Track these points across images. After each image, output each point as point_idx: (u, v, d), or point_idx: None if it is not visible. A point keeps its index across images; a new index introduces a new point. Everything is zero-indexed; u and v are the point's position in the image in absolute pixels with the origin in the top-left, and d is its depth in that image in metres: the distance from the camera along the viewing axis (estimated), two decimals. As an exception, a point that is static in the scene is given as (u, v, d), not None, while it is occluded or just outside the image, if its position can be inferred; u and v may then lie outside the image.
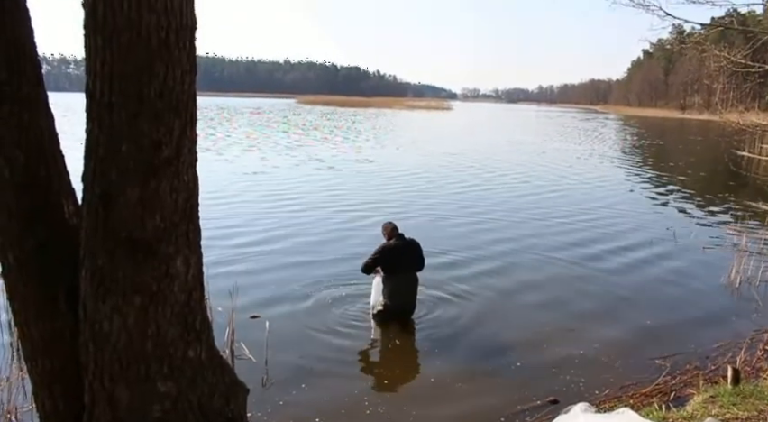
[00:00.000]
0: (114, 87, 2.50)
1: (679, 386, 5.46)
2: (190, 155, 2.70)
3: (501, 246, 10.59)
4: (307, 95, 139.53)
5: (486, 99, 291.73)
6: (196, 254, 2.75)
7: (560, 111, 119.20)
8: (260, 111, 68.39)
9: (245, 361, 5.75)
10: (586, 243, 11.05)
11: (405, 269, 6.84)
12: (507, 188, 17.67)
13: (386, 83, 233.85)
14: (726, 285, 8.74)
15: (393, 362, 6.16)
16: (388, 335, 6.64)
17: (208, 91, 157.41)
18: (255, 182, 17.11)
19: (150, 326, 2.60)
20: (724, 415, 4.02)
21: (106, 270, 2.55)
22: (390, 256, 6.79)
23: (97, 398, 2.66)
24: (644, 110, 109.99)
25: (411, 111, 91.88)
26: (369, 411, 4.96)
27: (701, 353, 6.24)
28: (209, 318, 2.94)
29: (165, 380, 2.67)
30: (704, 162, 27.78)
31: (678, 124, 69.05)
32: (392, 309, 6.79)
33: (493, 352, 6.20)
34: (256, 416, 4.69)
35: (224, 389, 2.96)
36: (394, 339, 6.56)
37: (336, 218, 12.17)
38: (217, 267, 8.63)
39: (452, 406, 5.08)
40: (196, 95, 2.76)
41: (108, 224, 2.53)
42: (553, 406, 5.03)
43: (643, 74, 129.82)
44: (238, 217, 12.08)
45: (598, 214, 14.11)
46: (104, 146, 2.54)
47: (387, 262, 6.79)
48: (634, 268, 9.53)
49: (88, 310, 2.61)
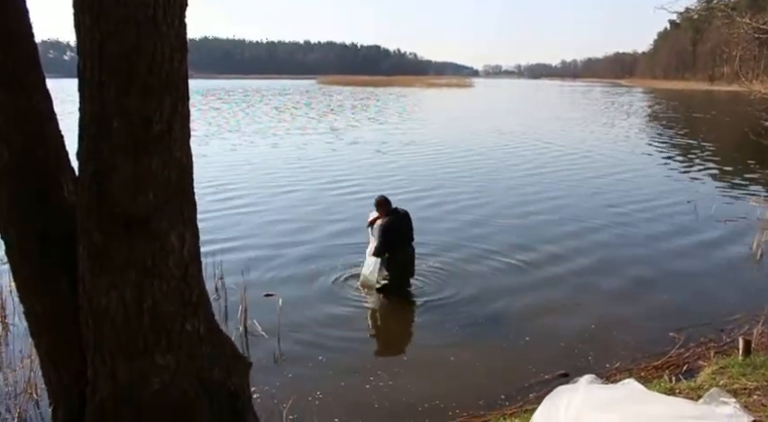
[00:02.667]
0: (104, 66, 2.53)
1: (692, 359, 5.39)
2: (183, 132, 2.73)
3: (510, 219, 10.58)
4: (328, 75, 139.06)
5: (508, 75, 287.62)
6: (191, 229, 2.79)
7: (585, 86, 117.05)
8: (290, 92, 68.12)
9: (258, 337, 5.84)
10: (601, 216, 10.96)
11: (404, 243, 6.90)
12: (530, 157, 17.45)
13: (407, 61, 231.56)
14: (746, 258, 8.59)
15: (401, 337, 6.20)
16: (396, 310, 6.68)
17: (230, 73, 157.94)
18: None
19: (146, 301, 2.65)
20: (732, 385, 3.97)
21: (102, 246, 2.60)
22: (393, 232, 6.82)
23: (99, 371, 2.74)
24: (671, 82, 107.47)
25: (435, 89, 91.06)
26: (375, 386, 5.00)
27: (717, 326, 6.14)
28: (207, 292, 2.98)
29: (163, 354, 2.73)
30: (730, 134, 27.12)
31: (706, 97, 67.46)
32: (396, 284, 6.86)
33: (502, 326, 6.19)
34: (266, 390, 4.77)
35: (225, 363, 3.02)
36: (402, 314, 6.60)
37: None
38: (233, 242, 8.79)
39: (460, 380, 5.09)
40: (188, 73, 2.78)
41: (102, 201, 2.58)
42: (563, 379, 5.02)
43: (670, 45, 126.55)
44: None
45: (615, 186, 13.97)
46: (96, 124, 2.58)
47: (389, 239, 6.82)
48: (651, 240, 9.40)
49: (86, 286, 2.67)
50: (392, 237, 6.81)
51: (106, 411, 2.77)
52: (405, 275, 6.96)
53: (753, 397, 3.87)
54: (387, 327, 6.47)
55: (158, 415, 2.81)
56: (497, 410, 4.56)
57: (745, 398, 3.82)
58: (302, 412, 4.53)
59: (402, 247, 6.89)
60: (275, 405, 4.57)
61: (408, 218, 7.00)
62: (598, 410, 3.12)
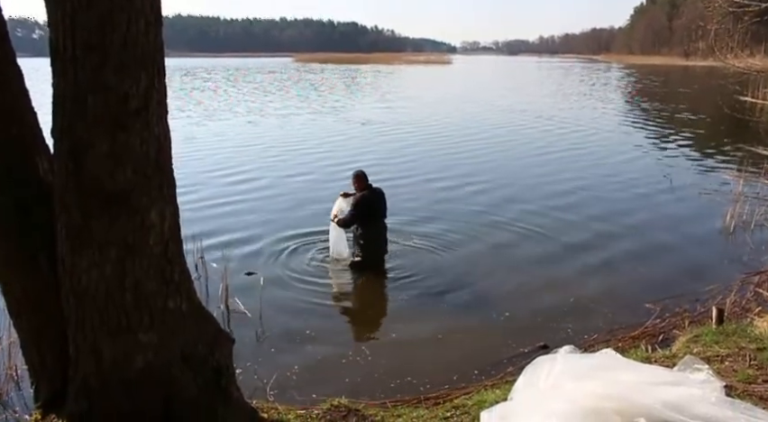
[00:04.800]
0: (77, 40, 2.47)
1: (667, 328, 5.53)
2: (160, 107, 2.69)
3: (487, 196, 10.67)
4: (304, 52, 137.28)
5: (486, 52, 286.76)
6: (171, 206, 2.76)
7: (564, 62, 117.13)
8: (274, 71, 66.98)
9: (240, 315, 5.84)
10: (577, 190, 11.11)
11: (376, 219, 6.95)
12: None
13: (384, 38, 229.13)
14: (720, 230, 8.77)
15: (381, 313, 6.23)
16: (376, 287, 6.73)
17: (205, 52, 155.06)
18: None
19: (127, 278, 2.63)
20: (705, 353, 4.08)
21: (81, 223, 2.57)
22: (367, 205, 6.86)
23: (81, 349, 2.72)
24: (647, 58, 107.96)
25: (417, 66, 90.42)
26: (354, 361, 5.05)
27: (692, 297, 6.29)
28: (188, 269, 2.97)
29: (146, 331, 2.72)
30: (705, 108, 27.39)
31: (682, 71, 67.96)
32: (370, 259, 6.93)
33: (481, 302, 6.26)
34: (250, 367, 4.80)
35: (208, 340, 3.02)
36: (382, 291, 6.65)
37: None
38: (213, 221, 8.75)
39: (440, 355, 5.16)
40: (164, 47, 2.73)
41: (79, 179, 2.54)
42: (543, 351, 5.11)
43: (646, 20, 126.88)
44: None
45: (591, 160, 14.13)
46: (70, 100, 2.53)
47: (363, 214, 6.86)
48: (627, 214, 9.55)
49: (66, 264, 2.64)
50: (365, 212, 6.84)
51: (90, 389, 2.76)
52: (377, 251, 7.02)
53: (725, 363, 3.99)
54: (367, 304, 6.50)
55: (142, 391, 2.80)
56: (478, 383, 4.63)
57: (717, 364, 3.94)
58: (282, 388, 4.57)
59: (374, 223, 6.94)
60: (257, 380, 4.61)
61: (383, 196, 7.05)
62: (577, 378, 3.20)
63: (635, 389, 3.11)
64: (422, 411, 3.81)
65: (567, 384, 3.16)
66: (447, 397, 4.23)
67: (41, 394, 3.02)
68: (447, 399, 4.15)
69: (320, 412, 3.75)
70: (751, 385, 3.63)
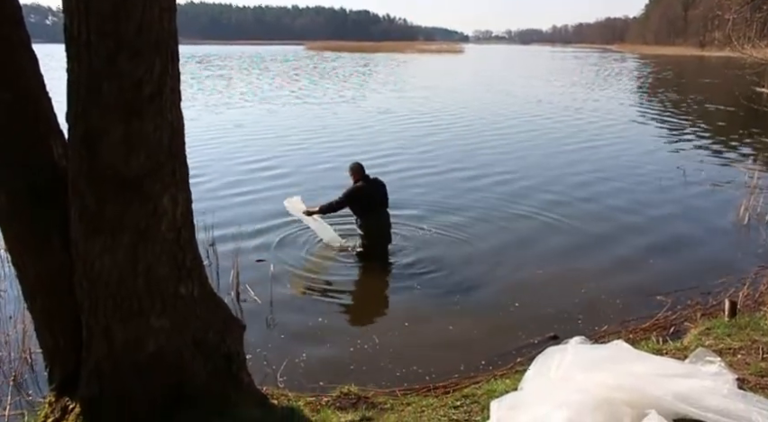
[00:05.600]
0: (92, 26, 2.48)
1: (679, 321, 5.49)
2: (173, 94, 2.69)
3: (503, 186, 10.58)
4: (316, 40, 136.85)
5: (498, 41, 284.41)
6: (184, 192, 2.77)
7: (579, 52, 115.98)
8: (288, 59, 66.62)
9: (251, 302, 5.88)
10: (591, 182, 11.02)
11: (375, 208, 6.97)
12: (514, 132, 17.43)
13: (396, 27, 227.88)
14: (733, 222, 8.68)
15: (391, 302, 6.23)
16: (384, 276, 6.72)
17: (217, 39, 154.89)
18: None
19: (140, 264, 2.65)
20: (717, 345, 4.05)
21: (94, 209, 2.58)
22: (362, 197, 6.90)
23: (94, 333, 2.75)
24: (662, 48, 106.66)
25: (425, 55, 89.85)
26: (363, 349, 5.07)
27: (704, 289, 6.24)
28: (201, 256, 2.98)
29: (158, 316, 2.74)
30: (720, 99, 27.08)
31: (698, 62, 67.18)
32: (373, 249, 6.97)
33: (492, 292, 6.25)
34: (260, 353, 4.82)
35: (219, 326, 3.04)
36: (390, 280, 6.64)
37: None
38: (225, 208, 8.78)
39: (450, 344, 5.16)
40: (177, 33, 2.73)
41: (93, 164, 2.55)
42: (553, 342, 5.09)
43: (661, 10, 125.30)
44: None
45: (608, 152, 14.01)
46: (85, 85, 2.53)
47: (360, 203, 6.92)
48: (640, 206, 9.47)
49: (80, 249, 2.66)
50: (358, 202, 6.91)
51: (102, 373, 2.79)
52: (380, 240, 7.04)
53: (737, 356, 3.96)
54: (376, 293, 6.50)
55: (153, 376, 2.83)
56: (487, 372, 4.63)
57: (729, 357, 3.91)
58: (291, 375, 4.59)
59: (375, 212, 6.97)
60: (267, 367, 4.63)
61: (382, 185, 7.07)
62: (588, 369, 3.19)
63: (647, 381, 3.09)
64: (431, 400, 3.82)
65: (578, 375, 3.15)
66: (456, 386, 4.23)
67: (55, 377, 3.05)
68: (456, 388, 4.15)
69: (330, 399, 3.77)
70: (764, 378, 3.60)
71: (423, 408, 3.66)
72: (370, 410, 3.60)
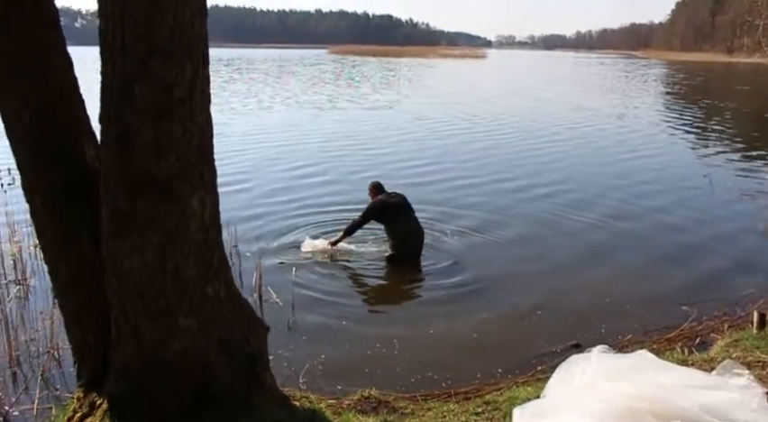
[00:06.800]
0: (126, 29, 2.53)
1: (705, 332, 5.39)
2: (203, 96, 2.73)
3: (524, 192, 10.51)
4: (338, 45, 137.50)
5: (522, 46, 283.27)
6: (211, 194, 2.81)
7: (600, 57, 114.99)
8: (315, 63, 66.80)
9: (273, 305, 5.91)
10: (615, 188, 10.90)
11: (397, 217, 7.08)
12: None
13: (419, 31, 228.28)
14: (762, 232, 8.52)
15: (412, 306, 6.22)
16: (407, 281, 6.72)
17: (241, 43, 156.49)
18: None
19: (168, 263, 2.69)
20: (745, 358, 3.98)
21: (125, 209, 2.63)
22: (383, 208, 7.10)
23: (122, 331, 2.79)
24: (688, 54, 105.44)
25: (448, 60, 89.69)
26: (383, 354, 5.05)
27: (731, 300, 6.13)
28: (227, 257, 3.01)
29: (185, 316, 2.78)
30: (749, 106, 26.66)
31: (724, 68, 66.18)
32: (399, 255, 6.99)
33: (514, 299, 6.18)
34: (280, 353, 4.85)
35: (244, 326, 3.07)
36: (413, 285, 6.63)
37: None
38: (249, 209, 8.85)
39: (471, 350, 5.13)
40: (208, 37, 2.78)
41: (125, 165, 2.60)
42: (576, 350, 5.04)
43: (688, 15, 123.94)
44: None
45: (631, 161, 13.84)
46: (118, 88, 2.59)
47: (384, 214, 7.10)
48: (665, 214, 9.33)
49: (110, 248, 2.71)
50: (381, 213, 7.11)
51: (130, 370, 2.84)
52: (406, 247, 7.05)
53: (766, 369, 3.89)
54: (398, 297, 6.49)
55: (179, 375, 2.87)
56: (509, 379, 4.60)
57: (758, 370, 3.83)
58: (311, 376, 4.61)
59: (398, 220, 7.06)
60: (287, 368, 4.65)
61: (401, 199, 7.22)
62: (612, 378, 3.16)
63: (672, 392, 3.05)
64: (452, 406, 3.81)
65: (602, 384, 3.12)
66: (478, 392, 4.21)
67: (84, 373, 3.11)
68: (478, 394, 4.13)
69: (351, 402, 3.78)
70: (793, 393, 3.52)
71: (444, 413, 3.65)
72: (390, 415, 3.61)
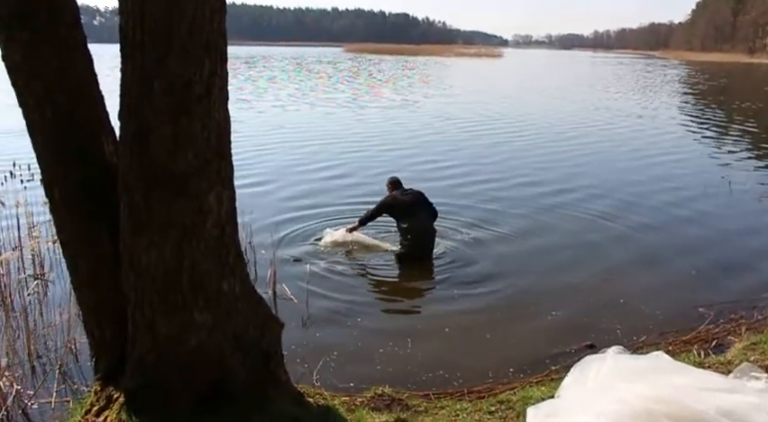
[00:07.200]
0: (145, 26, 2.55)
1: (722, 334, 5.34)
2: (221, 93, 2.75)
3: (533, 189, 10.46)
4: (354, 43, 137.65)
5: (538, 46, 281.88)
6: (228, 191, 2.83)
7: (619, 57, 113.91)
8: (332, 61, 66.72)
9: (287, 301, 5.94)
10: (633, 187, 10.83)
11: (412, 214, 7.08)
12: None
13: (435, 30, 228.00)
14: (781, 236, 8.42)
15: (425, 304, 6.22)
16: (421, 279, 6.72)
17: (257, 40, 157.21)
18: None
19: (185, 259, 2.71)
20: (764, 361, 3.94)
21: (142, 205, 2.66)
22: (396, 205, 7.15)
23: (139, 326, 2.82)
24: (707, 55, 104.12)
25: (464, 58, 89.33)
26: (396, 352, 5.05)
27: (748, 303, 6.05)
28: (243, 253, 3.03)
29: (201, 311, 2.80)
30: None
31: (745, 69, 65.30)
32: (410, 252, 7.01)
33: (527, 300, 6.15)
34: (295, 351, 4.87)
35: (259, 322, 3.09)
36: (426, 283, 6.63)
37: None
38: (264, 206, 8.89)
39: (484, 349, 5.12)
40: (227, 34, 2.79)
41: (143, 161, 2.63)
42: (590, 351, 5.01)
43: (709, 15, 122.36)
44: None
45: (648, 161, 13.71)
46: (136, 85, 2.61)
47: (397, 210, 7.16)
48: (682, 216, 9.23)
49: (127, 243, 2.74)
50: (394, 209, 7.18)
51: (146, 365, 2.87)
52: (417, 244, 7.06)
53: (784, 373, 3.83)
54: (412, 296, 6.49)
55: (194, 370, 2.90)
56: (522, 379, 4.59)
57: (776, 373, 3.79)
58: (324, 373, 4.63)
59: (414, 217, 7.06)
60: (301, 365, 4.66)
61: (420, 194, 7.27)
62: (627, 379, 3.13)
63: (688, 394, 3.02)
64: (465, 404, 3.81)
65: (617, 385, 3.10)
66: (491, 391, 4.20)
67: (101, 367, 3.15)
68: (491, 393, 4.13)
69: (364, 400, 3.79)
70: (812, 397, 3.47)
71: (457, 411, 3.65)
72: (404, 412, 3.61)
